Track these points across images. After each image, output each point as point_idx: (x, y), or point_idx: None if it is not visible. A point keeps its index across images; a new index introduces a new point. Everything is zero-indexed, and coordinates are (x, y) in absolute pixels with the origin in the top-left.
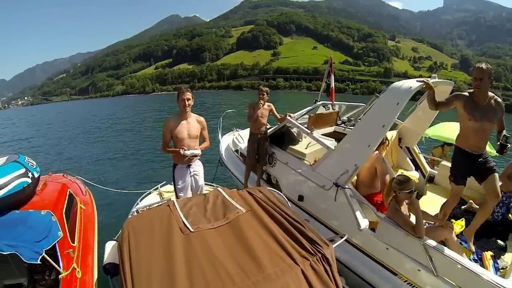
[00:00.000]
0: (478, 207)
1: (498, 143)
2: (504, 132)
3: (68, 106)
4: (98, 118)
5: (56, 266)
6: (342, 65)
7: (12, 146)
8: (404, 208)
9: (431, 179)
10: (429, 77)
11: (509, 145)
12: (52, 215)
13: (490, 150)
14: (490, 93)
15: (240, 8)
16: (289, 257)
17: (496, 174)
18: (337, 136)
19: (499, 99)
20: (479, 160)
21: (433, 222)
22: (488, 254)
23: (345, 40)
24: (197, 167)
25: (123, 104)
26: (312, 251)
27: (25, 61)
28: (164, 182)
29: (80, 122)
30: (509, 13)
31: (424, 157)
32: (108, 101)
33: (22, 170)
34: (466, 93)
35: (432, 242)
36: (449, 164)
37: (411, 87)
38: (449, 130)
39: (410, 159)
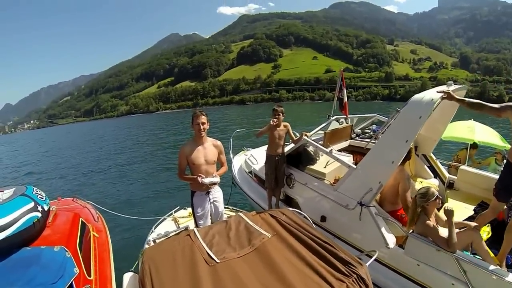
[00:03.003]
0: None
1: None
2: None
3: (74, 128)
4: (104, 140)
5: None
6: (343, 73)
7: (21, 168)
8: (433, 221)
9: (450, 185)
10: (436, 80)
11: None
12: (66, 251)
13: (503, 144)
14: None
15: (238, 23)
16: (324, 280)
17: None
18: (353, 150)
19: None
20: None
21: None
22: None
23: (344, 48)
24: (217, 193)
25: (128, 124)
26: (346, 273)
27: (30, 85)
28: (178, 207)
29: (87, 145)
30: (504, 7)
31: (441, 163)
32: (113, 121)
33: (31, 204)
34: None
35: (465, 255)
36: (469, 169)
37: (432, 99)
38: (460, 130)
39: (428, 167)
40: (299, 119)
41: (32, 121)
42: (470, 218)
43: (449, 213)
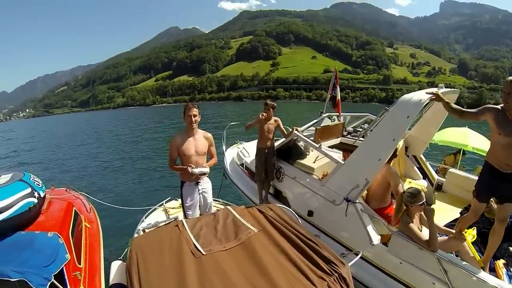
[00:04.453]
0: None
1: None
2: None
3: (69, 119)
4: (99, 131)
5: None
6: (341, 74)
7: (14, 158)
8: (416, 221)
9: (439, 187)
10: (433, 85)
11: None
12: (59, 237)
13: None
14: None
15: (238, 19)
16: (306, 278)
17: None
18: (344, 147)
19: None
20: (506, 180)
21: (444, 234)
22: (500, 263)
23: (343, 49)
24: (206, 184)
25: (124, 116)
26: (328, 271)
27: (26, 73)
28: (169, 198)
29: (81, 135)
30: (504, 15)
31: (431, 165)
32: (109, 113)
33: (28, 190)
34: (499, 107)
35: (446, 255)
36: (458, 172)
37: (421, 99)
38: (454, 135)
39: (417, 168)
40: (295, 118)
41: (27, 110)
42: (456, 221)
43: (430, 212)
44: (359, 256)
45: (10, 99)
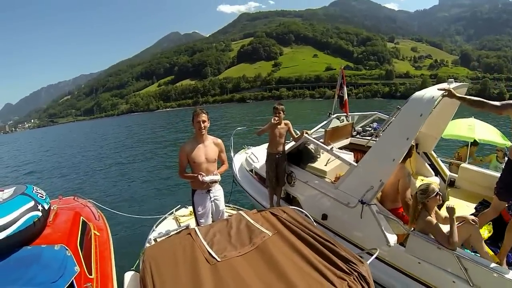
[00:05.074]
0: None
1: None
2: None
3: (74, 127)
4: (104, 138)
5: None
6: (343, 71)
7: (21, 169)
8: (434, 216)
9: (451, 183)
10: (436, 77)
11: None
12: (67, 249)
13: (504, 142)
14: None
15: (238, 21)
16: (325, 278)
17: None
18: (354, 148)
19: None
20: None
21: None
22: None
23: (344, 46)
24: (218, 191)
25: (129, 123)
26: (347, 271)
27: (30, 84)
28: (179, 206)
29: (87, 143)
30: (504, 4)
31: (442, 160)
32: (114, 120)
33: (32, 203)
34: None
35: (465, 253)
36: (470, 167)
37: (433, 96)
38: (460, 128)
39: (429, 164)
40: (300, 117)
41: (32, 121)
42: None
43: (451, 210)
44: (376, 253)
45: (15, 111)
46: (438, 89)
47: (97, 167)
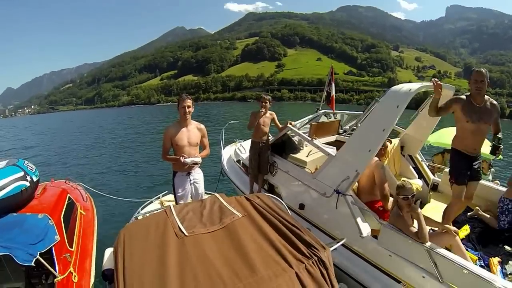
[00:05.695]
0: (485, 214)
1: (491, 144)
2: (499, 135)
3: (74, 116)
4: (103, 128)
5: (51, 269)
6: (346, 76)
7: (18, 153)
8: (407, 215)
9: (434, 187)
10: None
11: (502, 147)
12: (49, 218)
13: (486, 154)
14: (486, 96)
15: (244, 20)
16: (284, 260)
17: (478, 182)
18: (339, 145)
19: (494, 101)
20: (474, 163)
21: (437, 228)
22: (495, 260)
23: (348, 51)
24: (197, 174)
25: (129, 114)
26: (308, 255)
27: (32, 70)
28: (166, 191)
29: (86, 132)
30: (511, 20)
31: (427, 165)
32: (114, 111)
33: (21, 174)
34: (464, 96)
35: (436, 247)
36: None
37: (410, 89)
38: (451, 136)
39: (413, 167)
40: (299, 118)
41: (33, 106)
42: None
43: (415, 207)
44: (342, 242)
45: (16, 96)
46: (431, 80)
47: (92, 155)
